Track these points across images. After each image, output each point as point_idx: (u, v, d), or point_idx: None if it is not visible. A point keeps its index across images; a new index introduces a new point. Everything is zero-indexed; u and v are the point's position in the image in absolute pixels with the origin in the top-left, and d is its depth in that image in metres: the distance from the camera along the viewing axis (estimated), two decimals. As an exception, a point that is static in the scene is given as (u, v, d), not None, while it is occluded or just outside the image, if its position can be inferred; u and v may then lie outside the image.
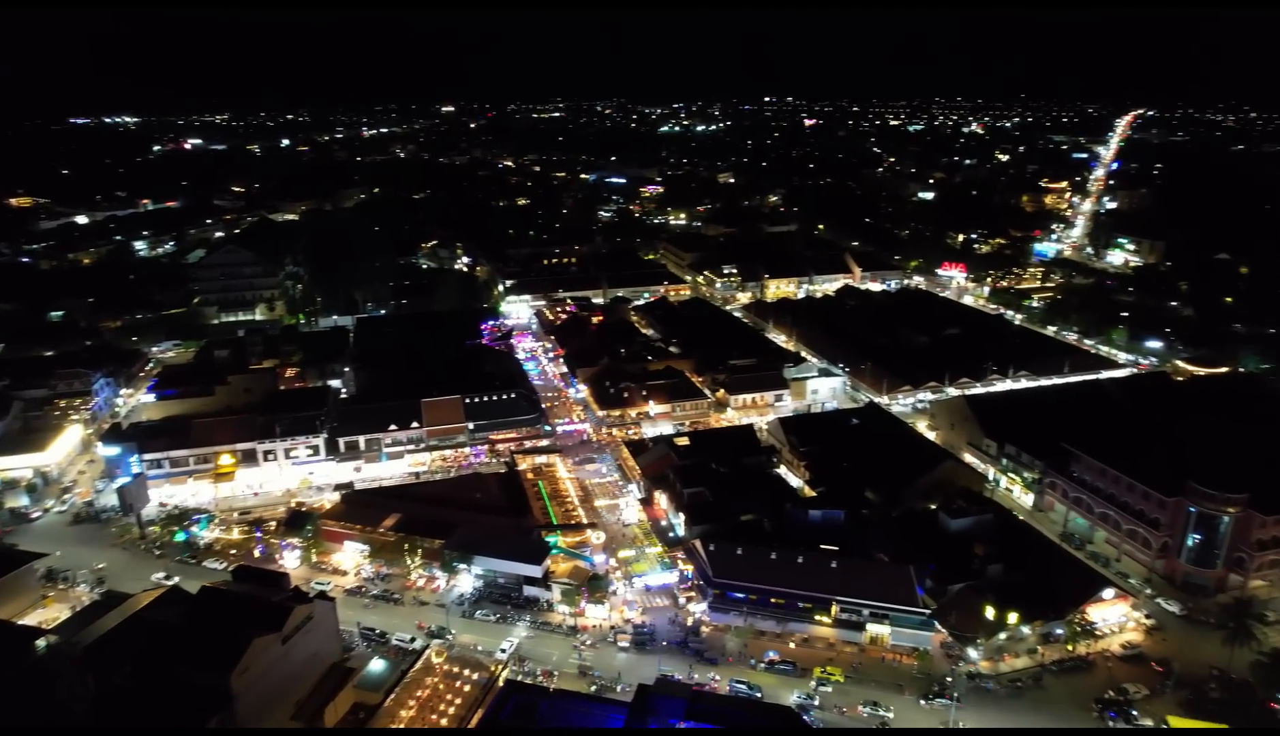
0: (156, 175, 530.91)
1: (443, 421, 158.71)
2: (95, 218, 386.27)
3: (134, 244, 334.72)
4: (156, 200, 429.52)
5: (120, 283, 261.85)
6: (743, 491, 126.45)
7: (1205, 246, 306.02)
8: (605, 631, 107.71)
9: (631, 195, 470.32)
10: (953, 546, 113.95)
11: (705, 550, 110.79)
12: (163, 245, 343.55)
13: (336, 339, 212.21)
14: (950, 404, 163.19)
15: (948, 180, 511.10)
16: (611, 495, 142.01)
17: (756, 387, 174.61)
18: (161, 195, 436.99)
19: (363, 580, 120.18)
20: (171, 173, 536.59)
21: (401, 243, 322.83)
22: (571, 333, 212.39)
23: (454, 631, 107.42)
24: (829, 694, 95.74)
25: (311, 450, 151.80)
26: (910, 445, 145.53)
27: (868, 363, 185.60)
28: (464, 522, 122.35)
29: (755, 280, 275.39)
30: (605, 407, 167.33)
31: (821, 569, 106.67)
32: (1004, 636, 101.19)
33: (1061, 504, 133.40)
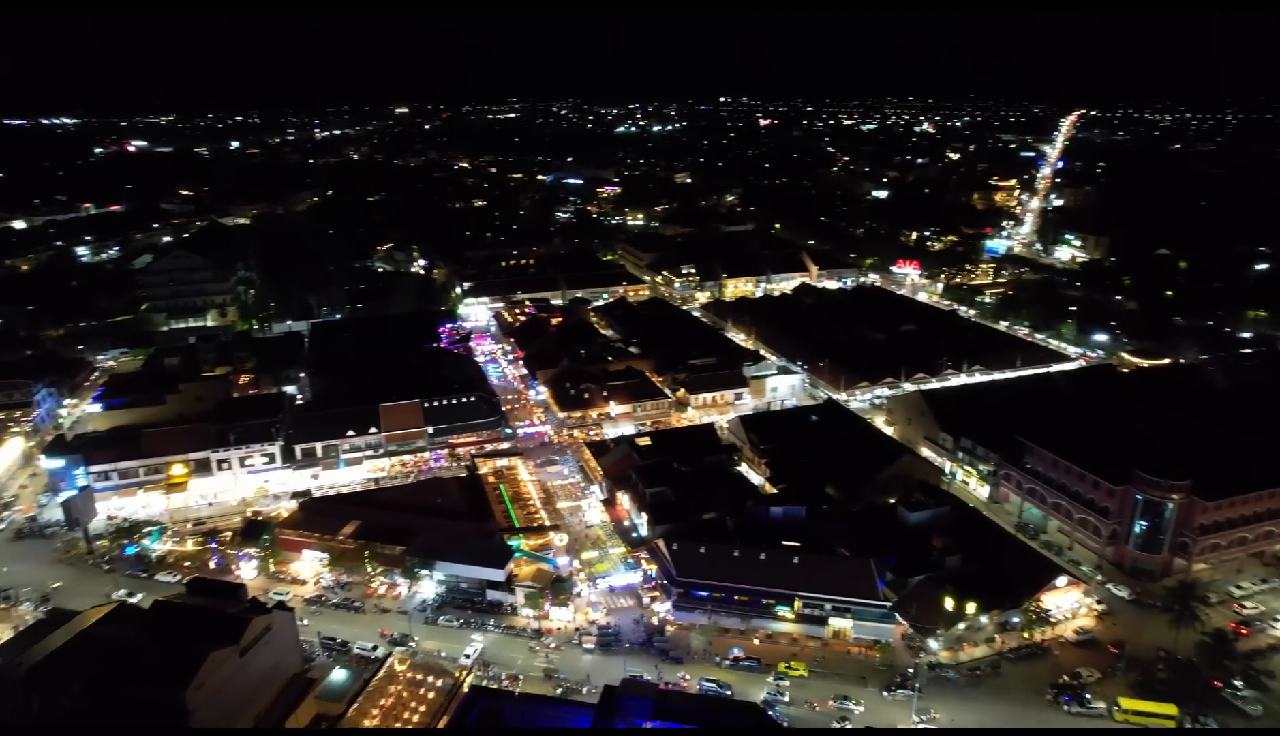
0: (99, 178, 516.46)
1: (401, 426, 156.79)
2: (34, 222, 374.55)
3: (76, 249, 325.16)
4: (99, 204, 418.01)
5: (62, 289, 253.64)
6: (704, 490, 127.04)
7: (1146, 242, 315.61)
8: (570, 634, 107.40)
9: (589, 196, 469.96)
10: (912, 539, 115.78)
11: (668, 549, 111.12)
12: (107, 250, 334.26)
13: (291, 344, 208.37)
14: (907, 399, 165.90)
15: (901, 179, 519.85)
16: (574, 497, 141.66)
17: (716, 386, 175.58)
18: (104, 199, 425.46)
19: (323, 589, 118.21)
20: (115, 176, 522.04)
21: (356, 246, 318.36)
22: (531, 334, 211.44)
23: (417, 638, 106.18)
24: (799, 688, 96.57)
25: (267, 458, 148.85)
26: (868, 440, 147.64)
27: (825, 360, 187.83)
28: (425, 528, 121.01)
29: (713, 280, 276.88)
30: (566, 409, 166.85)
31: (784, 565, 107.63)
32: (963, 626, 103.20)
33: (1016, 495, 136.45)
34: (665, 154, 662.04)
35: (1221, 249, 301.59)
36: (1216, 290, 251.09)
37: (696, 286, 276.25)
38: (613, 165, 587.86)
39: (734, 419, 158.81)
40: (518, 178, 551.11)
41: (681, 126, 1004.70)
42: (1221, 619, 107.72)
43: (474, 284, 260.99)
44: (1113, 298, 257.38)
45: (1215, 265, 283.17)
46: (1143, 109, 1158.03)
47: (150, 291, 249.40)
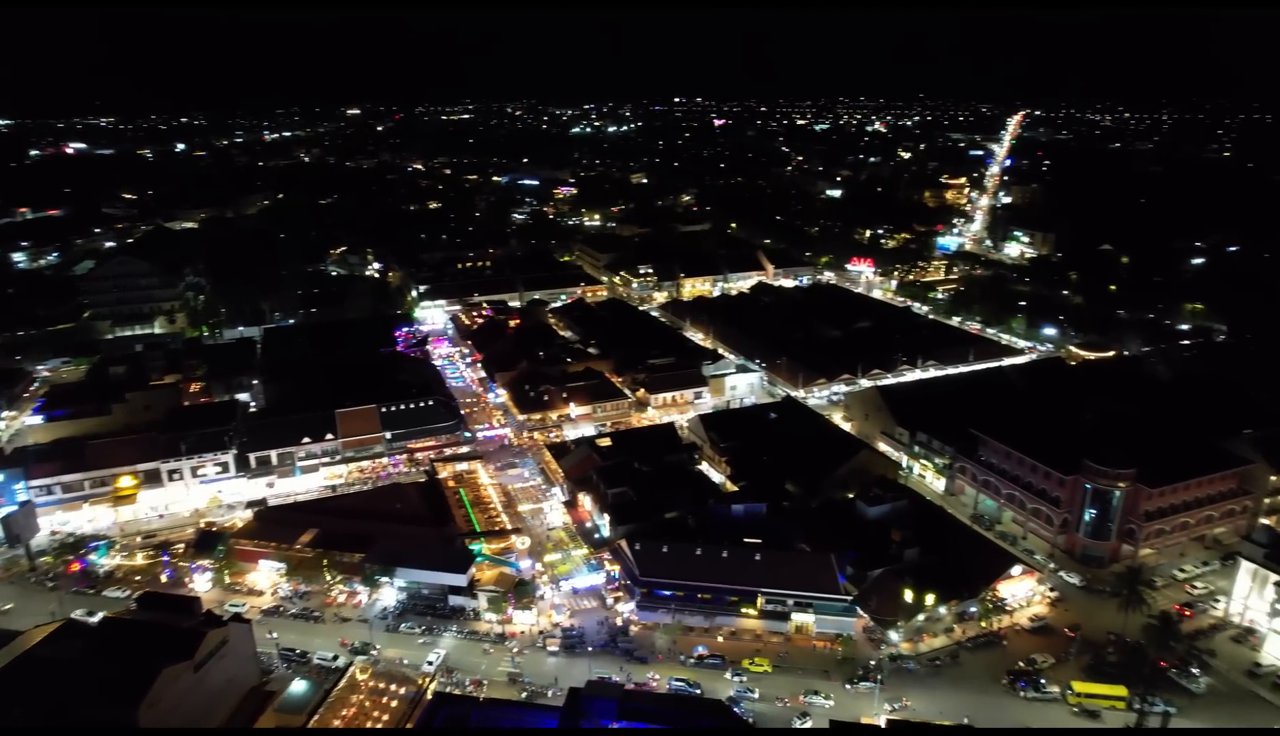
0: (35, 181, 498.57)
1: (358, 432, 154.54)
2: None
3: (12, 255, 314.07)
4: (36, 208, 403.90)
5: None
6: (666, 489, 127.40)
7: (1090, 237, 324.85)
8: (534, 637, 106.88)
9: (545, 197, 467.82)
10: (871, 533, 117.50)
11: (631, 549, 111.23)
12: (46, 256, 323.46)
13: (243, 351, 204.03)
14: (863, 395, 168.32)
15: (854, 178, 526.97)
16: (535, 499, 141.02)
17: (676, 386, 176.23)
18: (42, 203, 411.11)
19: (280, 599, 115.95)
20: (52, 179, 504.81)
21: (309, 249, 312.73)
22: (489, 337, 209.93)
23: (378, 646, 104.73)
24: (764, 684, 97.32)
25: (220, 467, 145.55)
26: (827, 437, 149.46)
27: (783, 357, 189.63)
28: (384, 535, 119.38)
29: (671, 279, 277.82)
30: (525, 411, 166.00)
31: (746, 562, 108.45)
32: (922, 617, 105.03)
33: (971, 487, 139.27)
34: (621, 154, 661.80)
35: (1160, 244, 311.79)
36: (1157, 284, 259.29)
37: (654, 286, 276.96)
38: (569, 166, 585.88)
39: (694, 418, 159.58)
40: (473, 179, 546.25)
41: (637, 127, 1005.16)
42: (1167, 602, 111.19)
43: (430, 286, 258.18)
44: (1060, 292, 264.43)
45: (1155, 260, 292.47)
46: (1084, 109, 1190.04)
47: (93, 298, 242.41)
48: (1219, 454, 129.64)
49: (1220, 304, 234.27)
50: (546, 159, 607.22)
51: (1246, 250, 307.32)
